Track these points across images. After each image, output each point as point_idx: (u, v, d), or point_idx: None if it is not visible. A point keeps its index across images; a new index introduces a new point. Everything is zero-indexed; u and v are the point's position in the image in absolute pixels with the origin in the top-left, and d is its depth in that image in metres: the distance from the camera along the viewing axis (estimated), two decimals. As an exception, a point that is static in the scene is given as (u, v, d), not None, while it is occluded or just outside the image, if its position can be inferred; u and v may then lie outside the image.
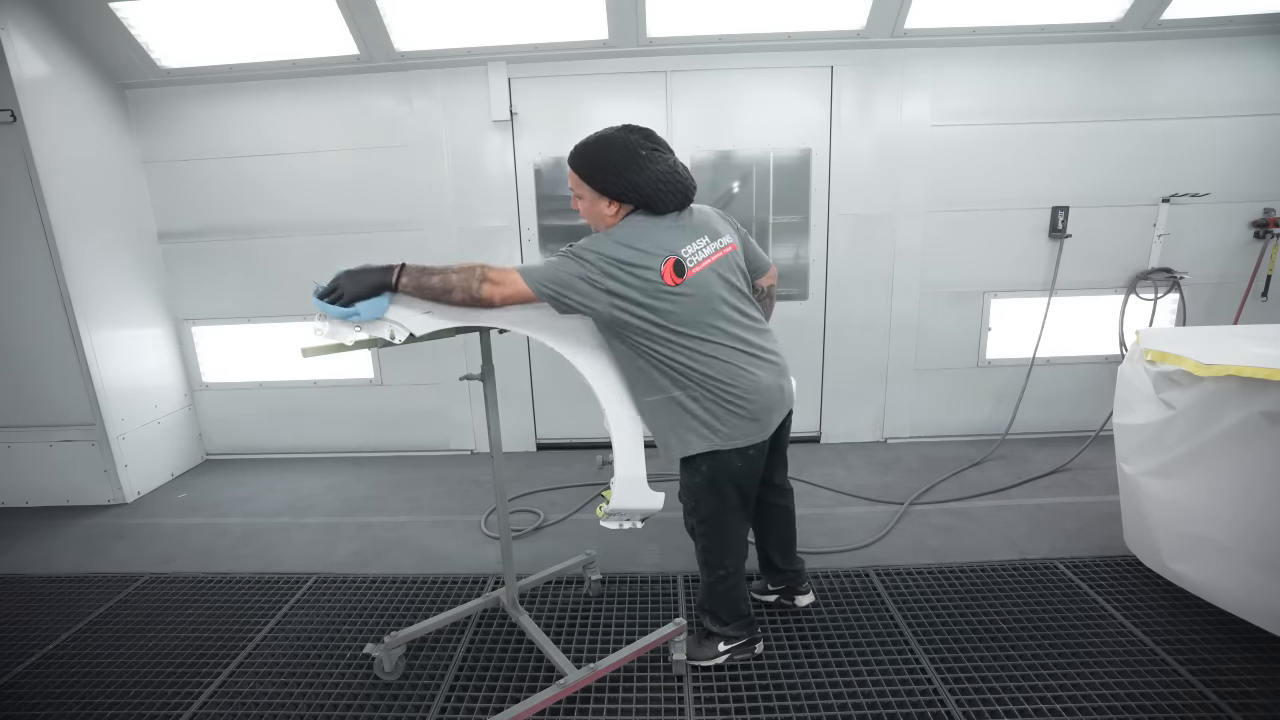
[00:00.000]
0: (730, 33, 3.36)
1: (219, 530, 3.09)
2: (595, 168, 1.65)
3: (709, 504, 1.83)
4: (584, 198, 1.71)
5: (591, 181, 1.66)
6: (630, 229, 1.64)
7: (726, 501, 1.82)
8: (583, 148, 1.69)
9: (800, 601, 2.25)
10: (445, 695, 1.93)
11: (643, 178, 1.62)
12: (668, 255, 1.62)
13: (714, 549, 1.89)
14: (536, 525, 2.99)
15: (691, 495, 1.86)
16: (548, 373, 3.88)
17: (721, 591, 1.94)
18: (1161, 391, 2.15)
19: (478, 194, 3.67)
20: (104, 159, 3.46)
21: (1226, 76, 3.42)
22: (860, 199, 3.61)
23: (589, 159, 1.67)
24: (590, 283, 1.56)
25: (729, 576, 1.92)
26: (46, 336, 3.22)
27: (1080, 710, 1.78)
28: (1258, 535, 1.90)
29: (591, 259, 1.57)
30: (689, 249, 1.66)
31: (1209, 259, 3.64)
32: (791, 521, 2.17)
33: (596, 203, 1.69)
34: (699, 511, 1.86)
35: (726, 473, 1.77)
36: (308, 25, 3.26)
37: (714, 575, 1.92)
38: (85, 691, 2.01)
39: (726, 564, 1.90)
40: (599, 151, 1.66)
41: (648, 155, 1.64)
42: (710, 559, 1.91)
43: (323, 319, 1.57)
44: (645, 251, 1.60)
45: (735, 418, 1.70)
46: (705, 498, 1.82)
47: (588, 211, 1.73)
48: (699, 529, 1.90)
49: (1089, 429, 3.59)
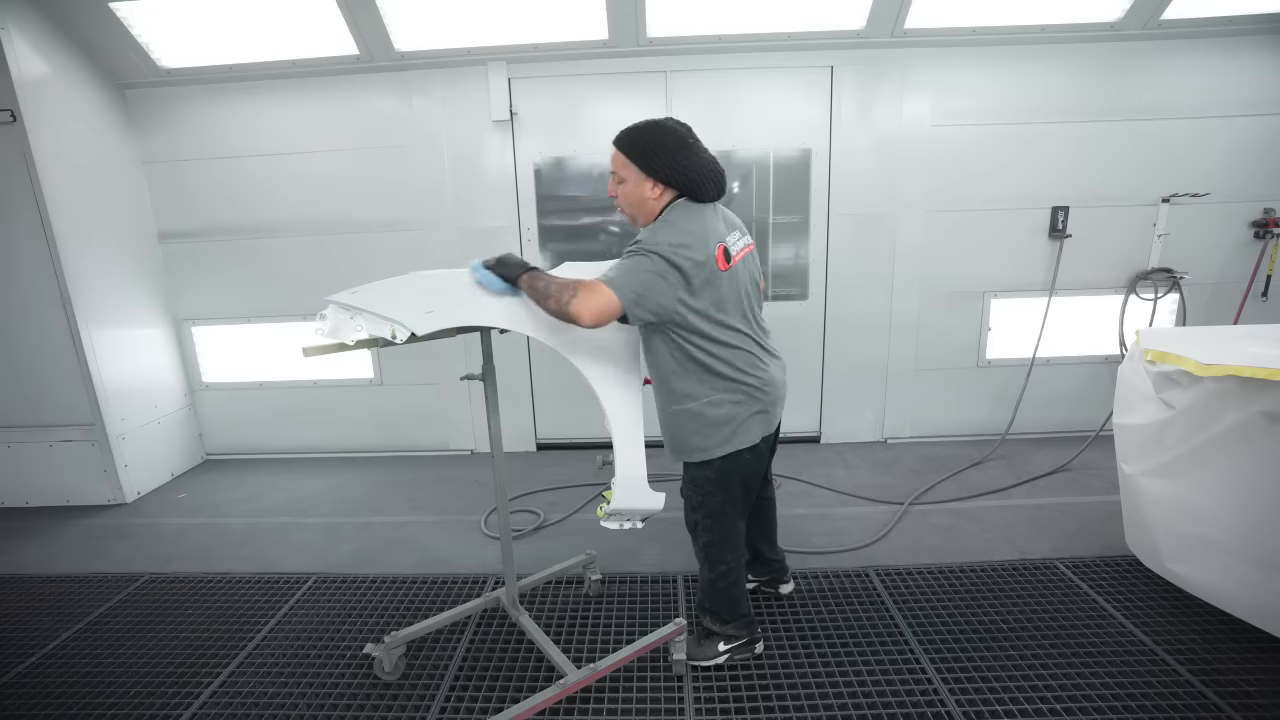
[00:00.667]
0: (730, 33, 3.36)
1: (219, 530, 3.09)
2: (648, 149, 1.68)
3: (715, 499, 1.85)
4: (627, 181, 1.72)
5: (641, 163, 1.68)
6: (685, 213, 1.68)
7: (731, 496, 1.85)
8: (632, 130, 1.71)
9: (784, 589, 2.34)
10: (445, 695, 1.93)
11: (691, 163, 1.67)
12: (719, 240, 1.67)
13: (716, 544, 1.91)
14: (536, 525, 2.99)
15: (698, 490, 1.86)
16: (548, 373, 3.88)
17: (723, 588, 1.95)
18: (1161, 391, 2.15)
19: (478, 194, 3.67)
20: (104, 159, 3.46)
21: (1226, 76, 3.42)
22: (860, 199, 3.61)
23: (640, 141, 1.69)
24: (663, 276, 1.58)
25: (730, 572, 1.93)
26: (46, 336, 3.23)
27: (1080, 710, 1.78)
28: (1257, 535, 1.90)
29: (663, 249, 1.59)
30: (730, 238, 1.73)
31: (1209, 259, 3.64)
32: (774, 513, 2.25)
33: (641, 185, 1.70)
34: (705, 506, 1.87)
35: (736, 468, 1.81)
36: (308, 25, 3.26)
37: (715, 571, 1.93)
38: (85, 691, 2.01)
39: (728, 559, 1.92)
40: (651, 134, 1.69)
41: (694, 144, 1.70)
42: (712, 554, 1.92)
43: (324, 318, 1.58)
44: (703, 234, 1.65)
45: (753, 415, 1.77)
46: (712, 492, 1.84)
47: (629, 195, 1.74)
48: (702, 524, 1.90)
49: (1089, 429, 3.59)
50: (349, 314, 1.57)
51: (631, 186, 1.72)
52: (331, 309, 1.60)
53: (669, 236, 1.61)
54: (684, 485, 1.92)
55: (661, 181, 1.69)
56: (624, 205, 1.77)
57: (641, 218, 1.76)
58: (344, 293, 1.64)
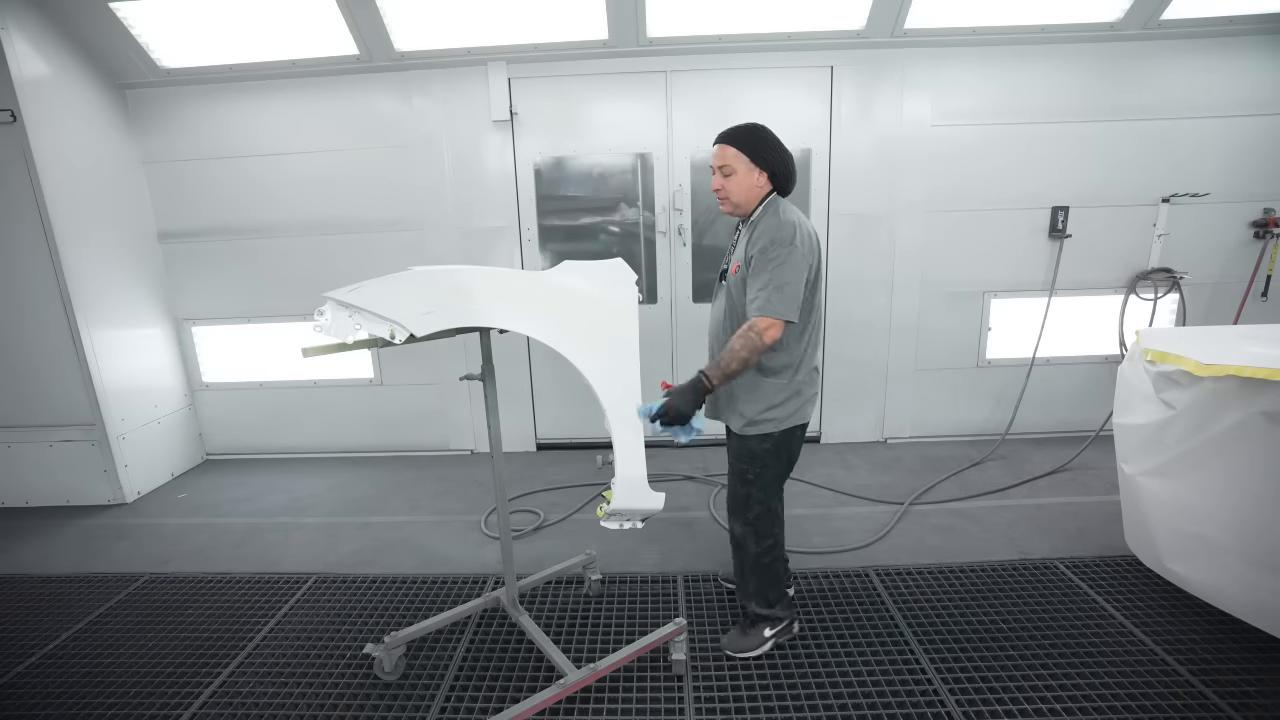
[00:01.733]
0: (730, 33, 3.36)
1: (219, 530, 3.09)
2: (761, 141, 1.87)
3: (772, 470, 1.96)
4: (737, 172, 1.88)
5: (754, 154, 1.86)
6: (793, 209, 1.87)
7: (781, 471, 1.99)
8: (739, 127, 1.90)
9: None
10: (445, 695, 1.93)
11: (787, 156, 1.89)
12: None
13: (765, 517, 1.99)
14: (536, 525, 2.99)
15: (756, 462, 1.95)
16: (548, 373, 3.88)
17: (767, 564, 2.02)
18: (1161, 391, 2.15)
19: (478, 194, 3.67)
20: (104, 159, 3.46)
21: (1226, 76, 3.42)
22: (860, 199, 3.61)
23: (749, 135, 1.88)
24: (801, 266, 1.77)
25: (776, 546, 2.02)
26: (46, 336, 3.23)
27: (1080, 710, 1.78)
28: (1256, 535, 1.90)
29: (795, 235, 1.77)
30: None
31: (1209, 259, 3.64)
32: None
33: (751, 174, 1.87)
34: (761, 479, 1.96)
35: (790, 443, 1.97)
36: (308, 25, 3.26)
37: (762, 545, 2.00)
38: (85, 691, 2.01)
39: (775, 532, 2.01)
40: (761, 131, 1.89)
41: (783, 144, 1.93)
42: (761, 528, 1.99)
43: (322, 314, 1.56)
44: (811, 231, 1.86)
45: (812, 395, 1.97)
46: (770, 463, 1.95)
47: (739, 184, 1.88)
48: (755, 497, 1.98)
49: (1089, 429, 3.59)
50: (348, 312, 1.56)
51: (742, 177, 1.88)
52: (330, 306, 1.59)
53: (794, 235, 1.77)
54: (736, 461, 2.00)
55: (768, 171, 1.87)
56: (731, 194, 1.91)
57: (745, 206, 1.91)
58: (343, 289, 1.64)
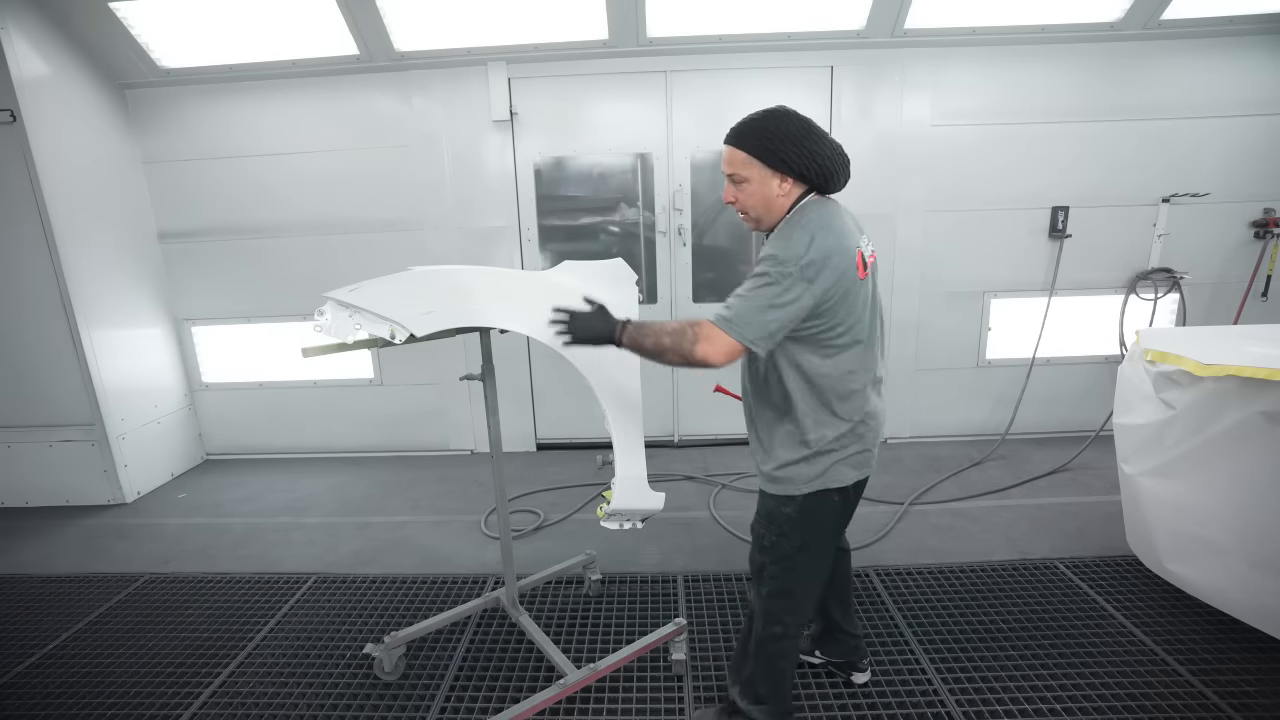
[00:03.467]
0: (730, 33, 3.36)
1: (219, 530, 3.09)
2: (771, 138, 1.43)
3: (791, 542, 1.55)
4: (750, 180, 1.47)
5: (765, 155, 1.43)
6: (819, 214, 1.43)
7: (809, 544, 1.56)
8: (749, 123, 1.47)
9: (859, 678, 1.92)
10: (445, 695, 1.93)
11: (821, 148, 1.43)
12: (857, 246, 1.43)
13: (779, 598, 1.60)
14: (536, 525, 2.99)
15: (774, 528, 1.57)
16: (548, 373, 3.88)
17: (770, 653, 1.64)
18: (1161, 391, 2.15)
19: (478, 194, 3.67)
20: (104, 159, 3.46)
21: (1226, 76, 3.42)
22: (860, 199, 3.57)
23: (760, 132, 1.44)
24: (795, 302, 1.35)
25: (784, 637, 1.62)
26: (46, 336, 3.22)
27: (1080, 710, 1.78)
28: (1257, 536, 1.90)
29: (798, 266, 1.34)
30: (863, 242, 1.48)
31: (1209, 259, 3.64)
32: (850, 569, 1.91)
33: (767, 182, 1.45)
34: (778, 549, 1.57)
35: (821, 511, 1.53)
36: (308, 25, 3.26)
37: (768, 630, 1.62)
38: (85, 691, 2.01)
39: (786, 620, 1.61)
40: (772, 123, 1.45)
41: (818, 128, 1.46)
42: (770, 609, 1.61)
43: (322, 314, 1.56)
44: (843, 238, 1.40)
45: (854, 453, 1.51)
46: (790, 534, 1.55)
47: (755, 196, 1.48)
48: (770, 570, 1.59)
49: (1089, 429, 3.59)
50: (348, 312, 1.57)
51: (756, 185, 1.47)
52: (330, 306, 1.60)
53: (806, 251, 1.35)
54: (756, 519, 1.63)
55: (791, 174, 1.44)
56: (749, 208, 1.51)
57: (768, 220, 1.50)
58: (343, 289, 1.64)
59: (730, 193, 1.52)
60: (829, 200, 1.49)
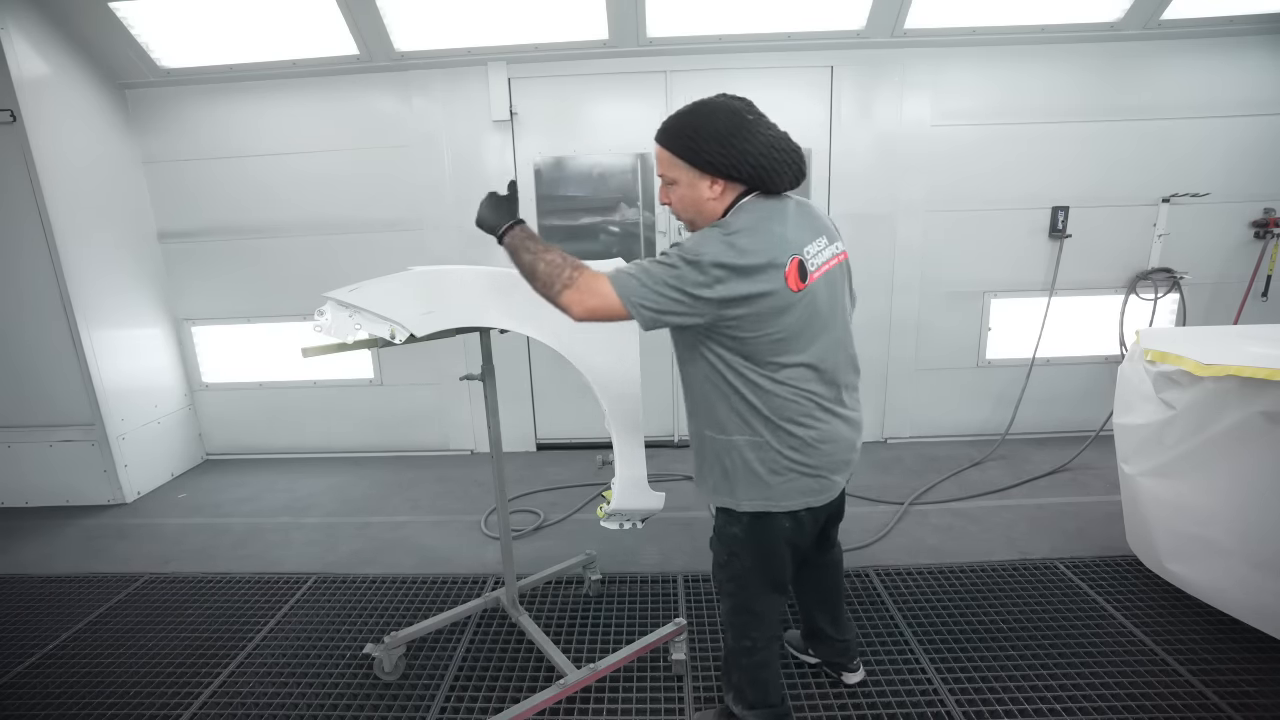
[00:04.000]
0: (730, 33, 3.36)
1: (219, 530, 3.09)
2: (696, 137, 1.32)
3: (743, 561, 1.51)
4: (679, 182, 1.38)
5: (690, 156, 1.34)
6: (748, 217, 1.32)
7: (766, 563, 1.51)
8: (675, 119, 1.37)
9: (850, 679, 1.90)
10: (445, 695, 1.93)
11: (753, 144, 1.31)
12: (793, 254, 1.31)
13: (741, 613, 1.57)
14: (536, 525, 2.99)
15: (724, 547, 1.53)
16: (548, 373, 3.88)
17: (746, 666, 1.60)
18: (1161, 391, 2.14)
19: (478, 194, 3.55)
20: (104, 159, 3.45)
21: (1226, 76, 3.41)
22: (860, 199, 3.61)
23: (685, 130, 1.34)
24: (694, 297, 1.25)
25: (755, 650, 1.58)
26: (46, 336, 3.22)
27: (1080, 710, 1.78)
28: (1257, 536, 1.90)
29: (705, 263, 1.25)
30: (811, 248, 1.36)
31: (1209, 259, 3.63)
32: (840, 583, 1.84)
33: (697, 185, 1.36)
34: (730, 568, 1.54)
35: (771, 531, 1.46)
36: (308, 25, 3.26)
37: (739, 644, 1.59)
38: (85, 691, 2.01)
39: (754, 635, 1.57)
40: (698, 119, 1.34)
41: (754, 120, 1.34)
42: (735, 624, 1.59)
43: (322, 314, 1.57)
44: (770, 247, 1.28)
45: (799, 476, 1.41)
46: (740, 554, 1.51)
47: (684, 199, 1.40)
48: (727, 588, 1.57)
49: (1089, 429, 3.59)
50: (348, 312, 1.57)
51: (685, 188, 1.38)
52: (330, 306, 1.60)
53: (718, 254, 1.25)
54: (713, 536, 1.59)
55: (720, 175, 1.34)
56: (681, 213, 1.43)
57: (704, 223, 1.40)
58: (343, 289, 1.64)
59: (663, 194, 1.44)
60: (772, 201, 1.37)
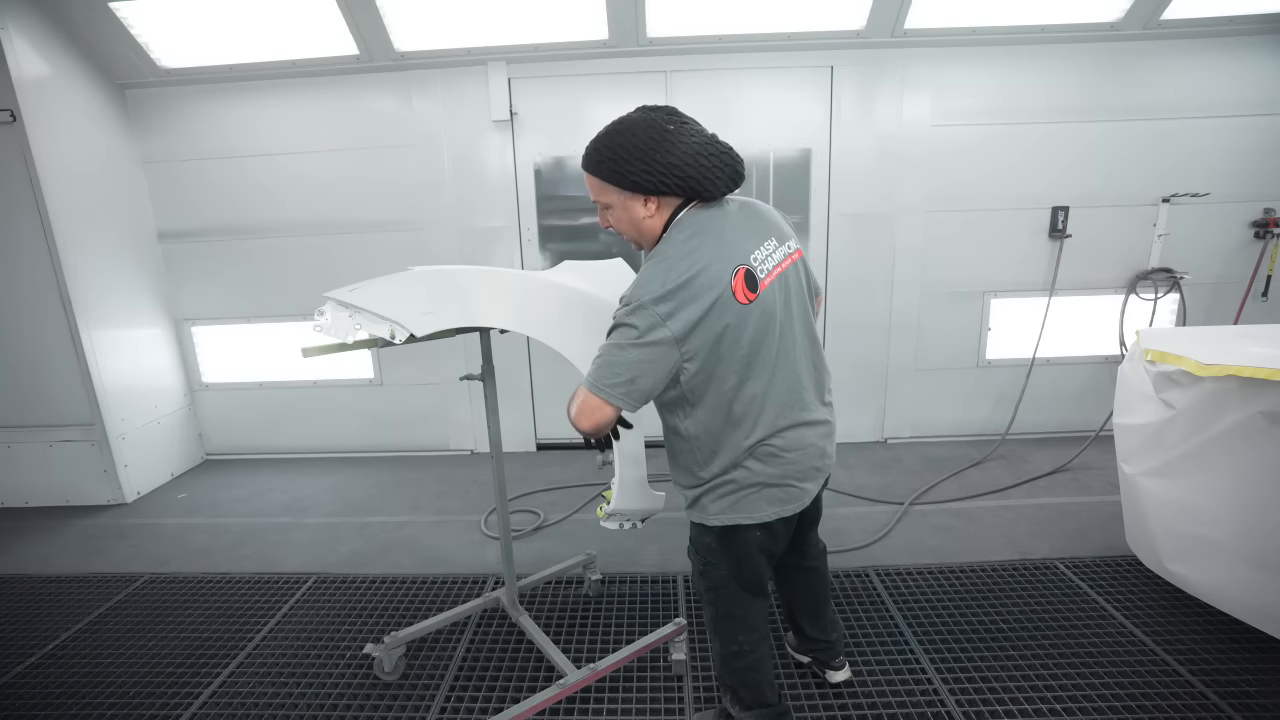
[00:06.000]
0: (730, 33, 3.36)
1: (219, 530, 3.09)
2: (617, 159, 1.30)
3: (719, 570, 1.51)
4: (613, 206, 1.37)
5: (617, 179, 1.32)
6: (682, 235, 1.30)
7: (741, 571, 1.50)
8: (596, 144, 1.36)
9: (834, 677, 1.88)
10: (445, 695, 1.93)
11: (676, 155, 1.28)
12: (738, 264, 1.28)
13: (724, 620, 1.57)
14: (536, 525, 2.99)
15: (700, 557, 1.54)
16: (548, 373, 3.88)
17: (738, 669, 1.59)
18: (1161, 391, 2.15)
19: (478, 194, 3.67)
20: (104, 159, 3.45)
21: (1227, 76, 3.42)
22: (860, 199, 3.61)
23: (606, 153, 1.32)
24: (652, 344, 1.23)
25: (743, 654, 1.57)
26: (46, 336, 3.22)
27: (1080, 710, 1.78)
28: (1257, 536, 1.90)
29: (648, 304, 1.22)
30: (758, 254, 1.33)
31: (1209, 259, 3.63)
32: (823, 585, 1.83)
33: (630, 205, 1.34)
34: (708, 577, 1.54)
35: (744, 541, 1.45)
36: (308, 25, 3.26)
37: (726, 650, 1.59)
38: (85, 691, 2.01)
39: (740, 640, 1.56)
40: (618, 140, 1.31)
41: (676, 129, 1.30)
42: (721, 630, 1.58)
43: (322, 314, 1.57)
44: (708, 266, 1.25)
45: (764, 486, 1.39)
46: (716, 562, 1.51)
47: (622, 221, 1.39)
48: (707, 596, 1.57)
49: (1089, 429, 3.59)
50: (348, 312, 1.57)
51: (620, 210, 1.36)
52: (330, 306, 1.60)
53: (657, 290, 1.23)
54: (689, 545, 1.60)
55: (650, 193, 1.31)
56: (624, 234, 1.42)
57: (648, 242, 1.39)
58: (343, 289, 1.64)
59: (602, 219, 1.43)
60: (710, 210, 1.35)
